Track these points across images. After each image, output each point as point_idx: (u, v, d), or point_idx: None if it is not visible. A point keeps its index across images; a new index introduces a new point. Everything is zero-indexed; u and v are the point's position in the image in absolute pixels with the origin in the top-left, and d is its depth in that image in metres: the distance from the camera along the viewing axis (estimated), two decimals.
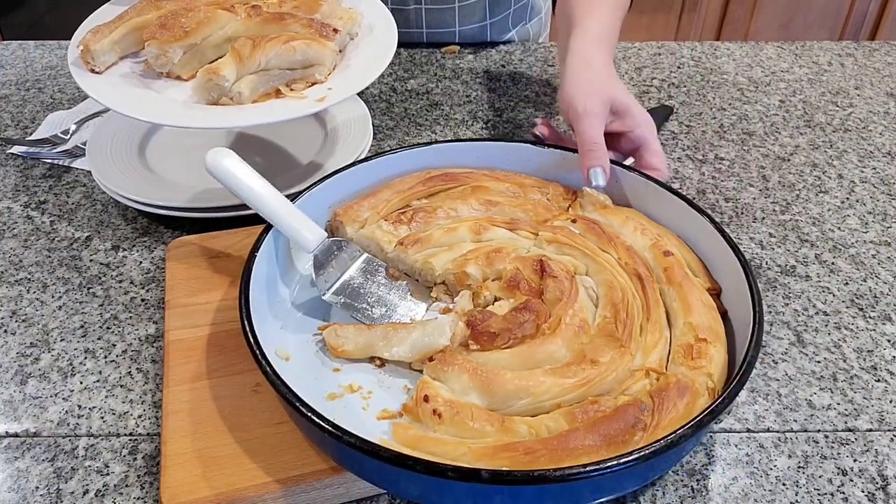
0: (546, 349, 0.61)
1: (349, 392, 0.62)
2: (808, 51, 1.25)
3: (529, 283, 0.67)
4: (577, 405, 0.57)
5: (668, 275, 0.67)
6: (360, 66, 0.81)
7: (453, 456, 0.53)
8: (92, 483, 0.60)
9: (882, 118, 1.08)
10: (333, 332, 0.64)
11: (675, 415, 0.55)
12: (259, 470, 0.57)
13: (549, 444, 0.53)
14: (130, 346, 0.72)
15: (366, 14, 0.87)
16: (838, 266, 0.83)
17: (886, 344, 0.73)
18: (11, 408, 0.66)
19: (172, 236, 0.85)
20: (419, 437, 0.55)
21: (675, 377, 0.58)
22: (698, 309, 0.64)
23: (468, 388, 0.58)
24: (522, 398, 0.57)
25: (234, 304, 0.72)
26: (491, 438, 0.55)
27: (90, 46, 0.75)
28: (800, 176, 0.97)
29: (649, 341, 0.62)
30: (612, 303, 0.65)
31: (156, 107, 0.74)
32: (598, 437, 0.53)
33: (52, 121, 1.05)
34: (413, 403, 0.58)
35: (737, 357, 0.61)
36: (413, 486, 0.54)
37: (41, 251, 0.83)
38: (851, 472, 0.62)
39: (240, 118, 0.75)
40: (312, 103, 0.76)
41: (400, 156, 0.78)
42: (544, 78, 1.16)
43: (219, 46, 0.80)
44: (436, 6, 1.18)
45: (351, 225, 0.73)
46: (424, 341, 0.62)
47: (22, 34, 2.75)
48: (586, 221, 0.73)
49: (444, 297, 0.71)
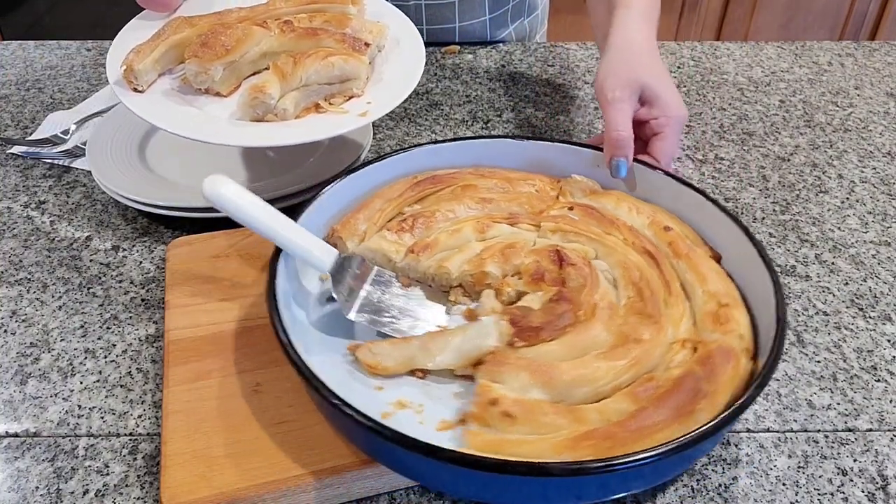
0: (589, 335, 0.62)
1: (400, 409, 0.59)
2: (808, 51, 1.25)
3: (551, 274, 0.67)
4: (635, 384, 0.58)
5: (674, 248, 0.69)
6: (395, 78, 0.82)
7: (536, 453, 0.53)
8: (92, 483, 0.60)
9: (882, 118, 1.08)
10: (368, 351, 0.62)
11: (725, 378, 0.57)
12: (259, 470, 0.57)
13: (626, 427, 0.54)
14: (130, 346, 0.72)
15: (390, 26, 0.88)
16: (838, 266, 0.83)
17: (886, 344, 0.73)
18: (11, 408, 0.67)
19: (172, 236, 0.85)
20: (497, 442, 0.54)
21: (715, 343, 0.60)
22: (711, 277, 0.66)
23: (529, 385, 0.58)
24: (582, 386, 0.58)
25: (233, 303, 0.72)
26: (566, 430, 0.54)
27: (134, 66, 0.75)
28: (800, 176, 0.97)
29: (675, 314, 0.64)
30: (631, 282, 0.66)
31: (206, 125, 0.75)
32: (668, 412, 0.55)
33: (52, 121, 1.05)
34: (479, 409, 0.56)
35: (756, 316, 0.64)
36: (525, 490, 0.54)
37: (41, 251, 0.83)
38: (851, 472, 0.62)
39: (291, 136, 0.75)
40: (356, 118, 0.77)
41: (385, 163, 0.77)
42: (544, 78, 1.16)
43: (255, 62, 0.81)
44: (436, 1, 1.18)
45: (351, 239, 0.71)
46: (470, 346, 0.61)
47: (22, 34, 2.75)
48: (583, 207, 0.74)
49: (462, 299, 0.70)
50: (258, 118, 0.76)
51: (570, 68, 1.18)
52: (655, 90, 0.79)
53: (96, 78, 1.16)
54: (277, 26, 0.81)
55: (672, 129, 0.80)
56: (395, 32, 0.88)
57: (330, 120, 0.78)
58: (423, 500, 0.60)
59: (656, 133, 0.80)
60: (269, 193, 0.84)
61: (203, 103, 0.78)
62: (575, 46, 1.25)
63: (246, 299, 0.72)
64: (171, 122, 0.74)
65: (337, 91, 0.80)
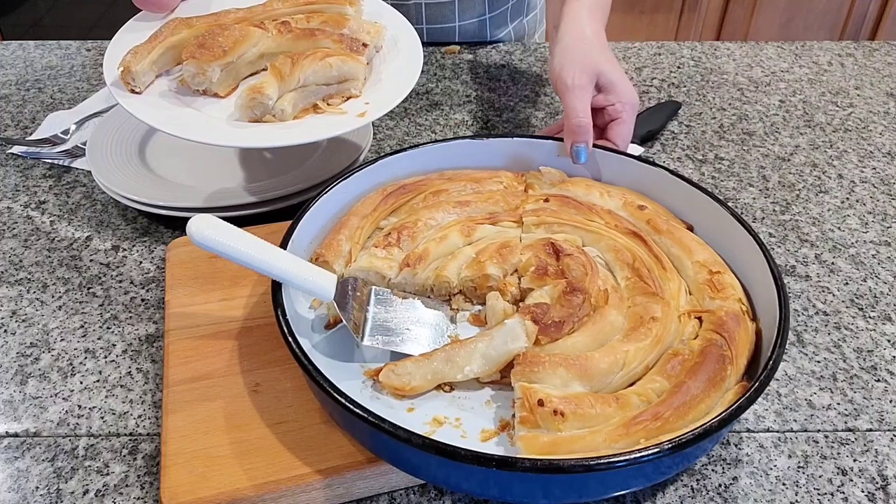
0: (608, 321, 0.63)
1: (438, 426, 0.59)
2: (808, 51, 1.25)
3: (552, 268, 0.68)
4: (662, 362, 0.60)
5: (653, 226, 0.72)
6: (393, 79, 0.82)
7: (593, 446, 0.53)
8: (92, 483, 0.60)
9: (882, 118, 1.08)
10: (392, 373, 0.60)
11: (741, 341, 0.60)
12: (259, 470, 0.57)
13: (670, 404, 0.55)
14: (130, 346, 0.72)
15: (388, 26, 0.88)
16: (838, 266, 0.83)
17: (886, 344, 0.73)
18: (11, 408, 0.67)
19: (172, 236, 0.85)
20: (554, 442, 0.54)
21: (722, 310, 0.62)
22: (696, 247, 0.69)
23: (568, 380, 0.58)
24: (617, 372, 0.59)
25: (233, 303, 0.72)
26: (615, 419, 0.55)
27: (131, 68, 0.75)
28: (800, 176, 0.97)
29: (673, 288, 0.66)
30: (626, 264, 0.68)
31: (204, 127, 0.75)
32: (703, 382, 0.57)
33: (52, 121, 1.05)
34: (527, 412, 0.56)
35: (741, 277, 0.67)
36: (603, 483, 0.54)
37: (41, 251, 0.83)
38: (851, 472, 0.62)
39: (288, 137, 0.75)
40: (354, 119, 0.77)
41: (354, 178, 0.75)
42: (544, 78, 1.16)
43: (252, 63, 0.81)
44: (435, 0, 1.18)
45: (337, 261, 0.69)
46: (499, 351, 0.61)
47: (22, 34, 2.75)
48: (558, 197, 0.75)
49: (464, 305, 0.70)
50: (256, 119, 0.76)
51: None
52: (610, 77, 0.82)
53: (96, 78, 1.16)
54: (275, 27, 0.81)
55: (628, 115, 0.83)
56: (393, 32, 0.88)
57: (328, 121, 0.78)
58: (423, 499, 0.60)
59: (614, 119, 0.83)
60: (268, 194, 0.84)
61: (201, 104, 0.78)
62: None
63: (246, 299, 0.72)
64: (168, 123, 0.74)
65: (335, 92, 0.80)
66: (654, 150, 1.00)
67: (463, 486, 0.57)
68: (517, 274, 0.70)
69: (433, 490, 0.60)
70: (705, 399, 0.56)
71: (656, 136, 1.02)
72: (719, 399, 0.57)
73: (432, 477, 0.56)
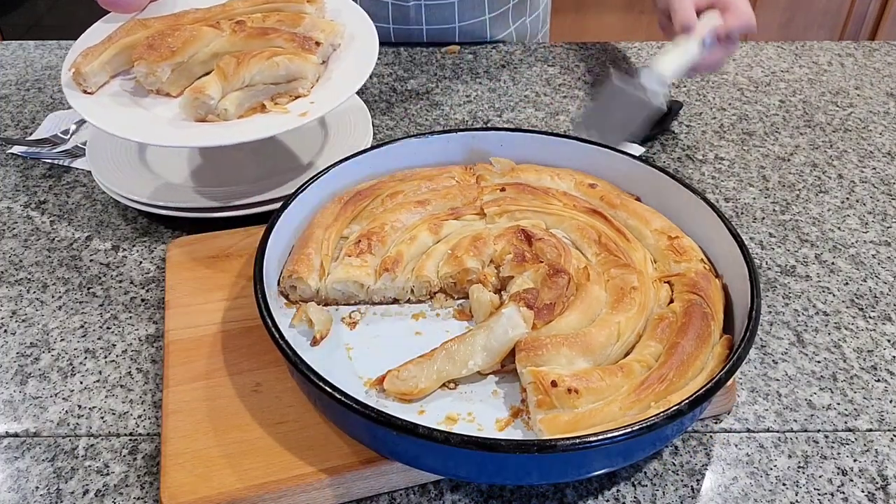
0: (593, 297, 0.65)
1: (453, 423, 0.59)
2: (808, 51, 1.25)
3: (528, 253, 0.69)
4: (651, 327, 0.62)
5: (607, 201, 0.75)
6: (342, 78, 0.82)
7: (611, 416, 0.55)
8: (92, 483, 0.60)
9: (882, 118, 1.08)
10: (396, 379, 0.60)
11: (715, 297, 0.64)
12: (259, 470, 0.57)
13: (671, 365, 0.58)
14: (130, 346, 0.72)
15: (348, 24, 0.87)
16: (838, 266, 0.83)
17: (886, 344, 0.73)
18: (11, 408, 0.67)
19: (172, 236, 0.85)
20: (574, 419, 0.55)
21: (690, 271, 0.66)
22: (650, 217, 0.73)
23: (573, 358, 0.59)
24: (614, 343, 0.61)
25: (233, 303, 0.72)
26: (624, 387, 0.57)
27: (81, 69, 0.77)
28: (800, 176, 0.97)
29: (639, 258, 0.69)
30: (593, 241, 0.71)
31: (145, 126, 0.76)
32: (693, 340, 0.60)
33: (52, 121, 1.05)
34: (543, 395, 0.56)
35: (695, 237, 0.71)
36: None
37: (41, 251, 0.83)
38: (851, 472, 0.62)
39: (225, 136, 0.75)
40: (295, 118, 0.77)
41: (308, 192, 0.74)
42: (544, 78, 1.16)
43: (206, 63, 0.81)
44: (435, 1, 1.18)
45: (311, 276, 0.68)
46: (499, 341, 0.61)
47: (22, 34, 2.75)
48: (513, 185, 0.77)
49: (446, 303, 0.70)
50: (201, 118, 0.77)
51: (570, 68, 1.18)
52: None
53: None
54: (230, 27, 0.81)
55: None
56: (352, 30, 0.86)
57: (269, 120, 0.78)
58: (423, 499, 0.60)
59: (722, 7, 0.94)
60: (269, 194, 0.84)
61: (151, 104, 0.79)
62: (575, 46, 1.25)
63: (246, 299, 0.72)
64: (112, 123, 0.74)
65: (284, 91, 0.80)
66: (654, 150, 1.00)
67: (496, 478, 0.58)
68: (493, 264, 0.71)
69: (433, 490, 0.60)
70: (699, 356, 0.59)
71: (656, 136, 1.02)
72: (710, 354, 0.60)
73: (465, 473, 0.57)
